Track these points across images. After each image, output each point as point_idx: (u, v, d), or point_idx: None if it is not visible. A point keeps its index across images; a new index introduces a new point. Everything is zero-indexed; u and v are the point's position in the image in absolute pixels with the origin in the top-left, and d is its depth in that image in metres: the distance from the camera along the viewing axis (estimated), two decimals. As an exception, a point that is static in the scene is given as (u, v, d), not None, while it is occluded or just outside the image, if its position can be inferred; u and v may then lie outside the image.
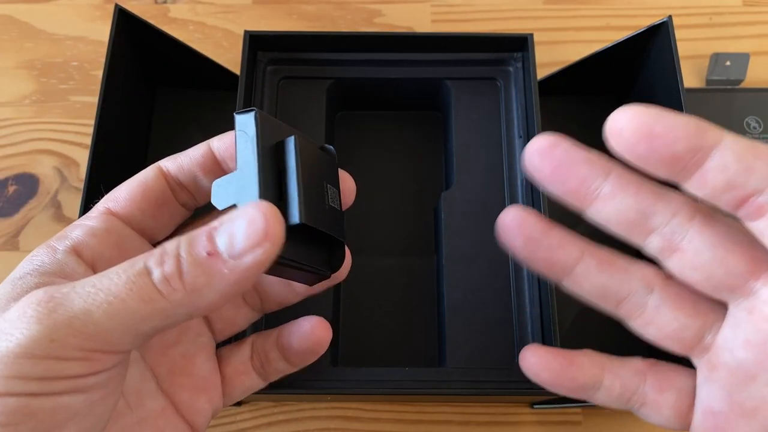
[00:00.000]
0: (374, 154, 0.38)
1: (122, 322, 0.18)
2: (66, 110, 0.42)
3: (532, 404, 0.35)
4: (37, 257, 0.20)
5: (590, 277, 0.21)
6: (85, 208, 0.31)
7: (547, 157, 0.20)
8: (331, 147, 0.25)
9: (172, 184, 0.24)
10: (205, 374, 0.24)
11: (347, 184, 0.25)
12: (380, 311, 0.35)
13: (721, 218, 0.20)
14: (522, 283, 0.31)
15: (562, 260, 0.21)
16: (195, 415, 0.24)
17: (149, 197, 0.23)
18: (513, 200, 0.33)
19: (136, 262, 0.18)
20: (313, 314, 0.31)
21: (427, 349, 0.34)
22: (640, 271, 0.21)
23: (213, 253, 0.18)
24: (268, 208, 0.18)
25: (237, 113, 0.22)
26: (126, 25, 0.35)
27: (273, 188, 0.21)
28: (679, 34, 0.33)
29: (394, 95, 0.37)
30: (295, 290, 0.25)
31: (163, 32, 0.36)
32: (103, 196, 0.23)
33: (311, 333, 0.24)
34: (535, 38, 0.34)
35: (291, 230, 0.21)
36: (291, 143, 0.22)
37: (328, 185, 0.23)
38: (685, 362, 0.23)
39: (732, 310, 0.20)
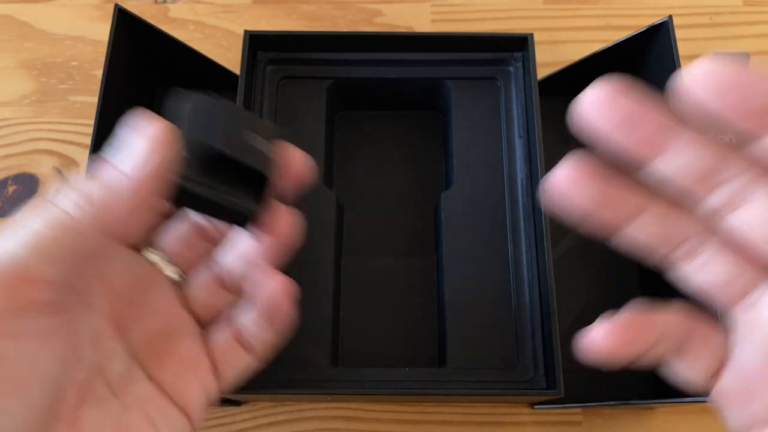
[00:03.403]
0: (374, 154, 0.38)
1: (36, 247, 0.19)
2: (66, 110, 0.42)
3: (532, 404, 0.35)
4: None
5: (653, 224, 0.20)
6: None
7: (616, 102, 0.19)
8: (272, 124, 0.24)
9: None
10: (189, 353, 0.25)
11: (296, 154, 0.24)
12: (380, 311, 0.35)
13: None
14: (522, 283, 0.31)
15: (629, 210, 0.20)
16: (186, 399, 0.24)
17: None
18: (513, 200, 0.33)
19: (43, 200, 0.19)
20: (313, 313, 0.31)
21: (427, 349, 0.34)
22: (702, 220, 0.21)
23: (112, 169, 0.19)
24: (157, 119, 0.19)
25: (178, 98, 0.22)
26: (126, 25, 0.35)
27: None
28: (679, 34, 0.33)
29: (394, 95, 0.37)
30: (255, 263, 0.25)
31: (163, 32, 0.36)
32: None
33: (269, 289, 0.24)
34: (535, 38, 0.34)
35: (205, 161, 0.21)
36: (201, 96, 0.22)
37: (254, 134, 0.23)
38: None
39: None
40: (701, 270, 0.21)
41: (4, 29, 0.44)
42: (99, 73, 0.35)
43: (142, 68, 0.38)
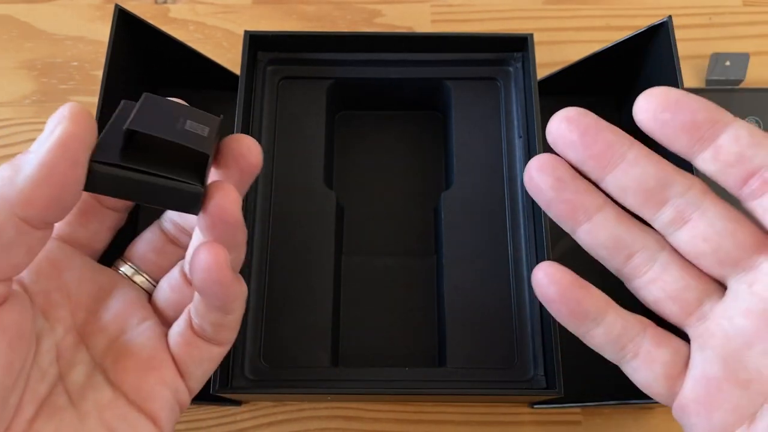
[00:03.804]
0: (374, 154, 0.38)
1: None
2: (66, 110, 0.42)
3: (532, 404, 0.35)
4: None
5: (608, 225, 0.22)
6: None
7: (575, 123, 0.21)
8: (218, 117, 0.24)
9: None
10: (149, 352, 0.23)
11: (245, 141, 0.23)
12: (380, 311, 0.35)
13: (725, 201, 0.21)
14: (522, 283, 0.31)
15: (586, 204, 0.22)
16: (149, 401, 0.23)
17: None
18: (513, 200, 0.33)
19: None
20: (313, 313, 0.31)
21: (427, 349, 0.34)
22: (653, 231, 0.22)
23: (25, 152, 0.19)
24: (72, 102, 0.20)
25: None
26: (126, 25, 0.35)
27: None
28: (679, 34, 0.33)
29: (394, 95, 0.37)
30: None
31: (163, 32, 0.36)
32: None
33: (197, 256, 0.21)
34: (535, 38, 0.34)
35: (136, 147, 0.21)
36: (143, 96, 0.22)
37: (191, 121, 0.22)
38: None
39: (733, 285, 0.21)
40: (654, 282, 0.22)
41: (4, 29, 0.44)
42: (99, 73, 0.35)
43: (143, 68, 0.38)
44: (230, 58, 0.42)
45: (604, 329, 0.22)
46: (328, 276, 0.32)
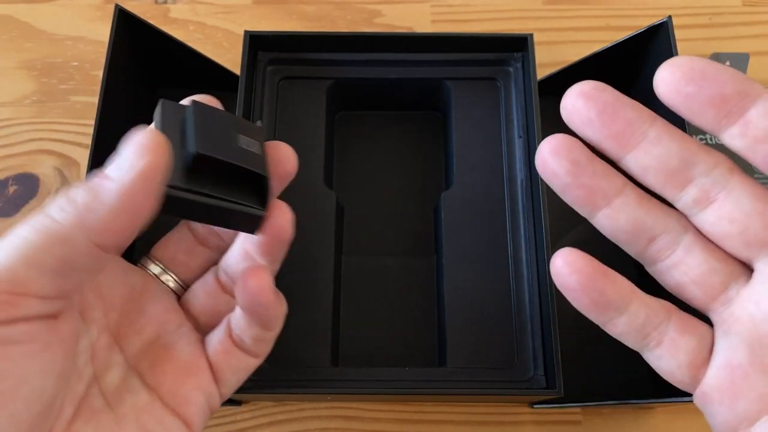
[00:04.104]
0: (374, 154, 0.38)
1: (23, 255, 0.18)
2: (66, 110, 0.42)
3: (532, 404, 0.35)
4: None
5: (628, 209, 0.21)
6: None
7: (592, 99, 0.20)
8: (260, 122, 0.24)
9: None
10: (187, 358, 0.24)
11: (283, 150, 0.24)
12: (380, 311, 0.35)
13: (753, 179, 0.20)
14: (522, 283, 0.31)
15: (605, 188, 0.20)
16: (185, 405, 0.23)
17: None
18: (513, 200, 0.33)
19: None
20: (313, 313, 0.31)
21: (427, 349, 0.34)
22: (676, 213, 0.21)
23: (101, 176, 0.19)
24: (149, 130, 0.19)
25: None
26: (126, 26, 0.35)
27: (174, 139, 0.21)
28: (679, 34, 0.33)
29: (394, 95, 0.37)
30: (259, 261, 0.24)
31: (163, 32, 0.36)
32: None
33: (245, 283, 0.23)
34: (535, 38, 0.34)
35: (200, 168, 0.21)
36: (191, 107, 0.22)
37: (242, 136, 0.22)
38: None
39: (760, 267, 0.20)
40: (677, 266, 0.21)
41: (4, 29, 0.44)
42: (99, 73, 0.35)
43: (143, 68, 0.38)
44: (230, 58, 0.42)
45: (628, 318, 0.21)
46: (328, 276, 0.32)
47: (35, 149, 0.41)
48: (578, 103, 0.20)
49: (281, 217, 0.23)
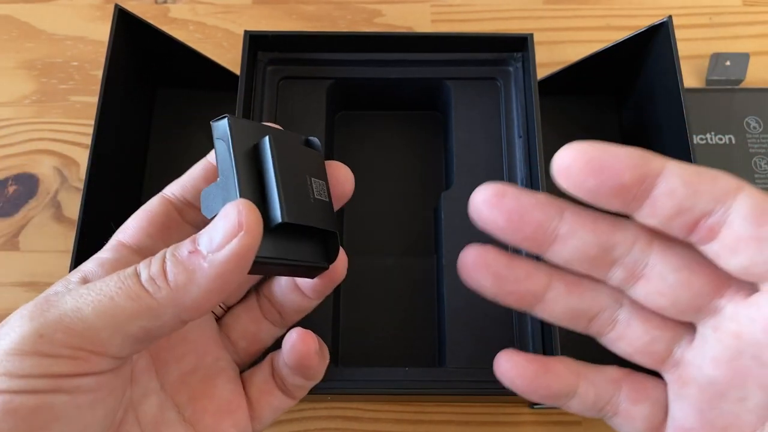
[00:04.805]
0: (374, 154, 0.38)
1: (110, 319, 0.18)
2: (66, 110, 0.42)
3: (532, 404, 0.35)
4: (52, 288, 0.21)
5: (560, 301, 0.21)
6: (85, 208, 0.31)
7: (496, 207, 0.19)
8: (316, 139, 0.25)
9: (178, 205, 0.24)
10: (228, 396, 0.24)
11: (341, 172, 0.25)
12: (380, 311, 0.35)
13: (678, 241, 0.19)
14: (522, 283, 0.31)
15: (532, 290, 0.21)
16: None
17: (155, 222, 0.23)
18: (513, 200, 0.33)
19: (128, 268, 0.19)
20: (313, 314, 0.31)
21: (427, 349, 0.34)
22: (608, 287, 0.21)
23: (194, 252, 0.19)
24: (243, 202, 0.19)
25: (212, 121, 0.22)
26: (126, 25, 0.35)
27: (253, 189, 0.21)
28: (679, 34, 0.33)
29: (394, 95, 0.37)
30: (307, 295, 0.25)
31: (163, 32, 0.36)
32: (114, 231, 0.24)
33: (292, 347, 0.24)
34: (535, 38, 0.34)
35: (277, 229, 0.21)
36: (266, 144, 0.22)
37: (313, 179, 0.23)
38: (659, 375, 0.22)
39: (699, 329, 0.20)
40: (621, 339, 0.22)
41: (4, 29, 0.44)
42: (99, 73, 0.35)
43: (143, 68, 0.38)
44: (230, 58, 0.42)
45: (579, 400, 0.22)
46: (328, 276, 0.32)
47: (35, 149, 0.41)
48: (485, 211, 0.20)
49: (339, 265, 0.24)
